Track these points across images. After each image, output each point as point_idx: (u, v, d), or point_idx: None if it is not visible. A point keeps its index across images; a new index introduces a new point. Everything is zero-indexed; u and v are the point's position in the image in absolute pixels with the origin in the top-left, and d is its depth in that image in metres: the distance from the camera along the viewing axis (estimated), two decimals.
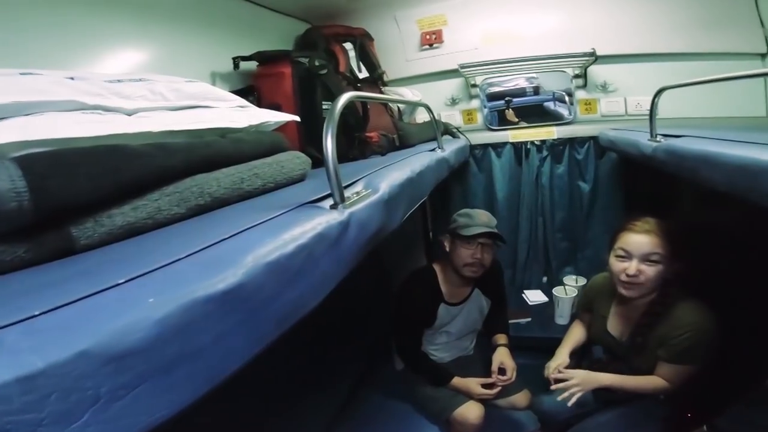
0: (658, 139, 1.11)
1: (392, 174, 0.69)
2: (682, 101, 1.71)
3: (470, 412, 1.37)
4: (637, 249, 1.09)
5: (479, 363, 1.56)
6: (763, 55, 1.62)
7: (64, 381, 0.21)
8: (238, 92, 1.14)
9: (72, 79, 0.56)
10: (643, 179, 1.71)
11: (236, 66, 1.25)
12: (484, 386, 1.41)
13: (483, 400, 1.42)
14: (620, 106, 1.83)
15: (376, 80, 1.71)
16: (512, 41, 1.88)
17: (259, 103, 1.20)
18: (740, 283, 1.31)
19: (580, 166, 1.87)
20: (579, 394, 1.16)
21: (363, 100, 1.01)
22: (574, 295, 1.75)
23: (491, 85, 1.92)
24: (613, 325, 1.27)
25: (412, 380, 1.52)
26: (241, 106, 0.88)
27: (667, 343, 1.10)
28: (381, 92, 1.73)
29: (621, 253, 1.13)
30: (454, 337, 1.54)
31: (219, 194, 0.58)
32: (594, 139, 1.78)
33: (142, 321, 0.25)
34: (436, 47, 1.97)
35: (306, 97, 1.20)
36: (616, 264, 1.14)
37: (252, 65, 1.28)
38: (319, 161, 1.16)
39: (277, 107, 1.14)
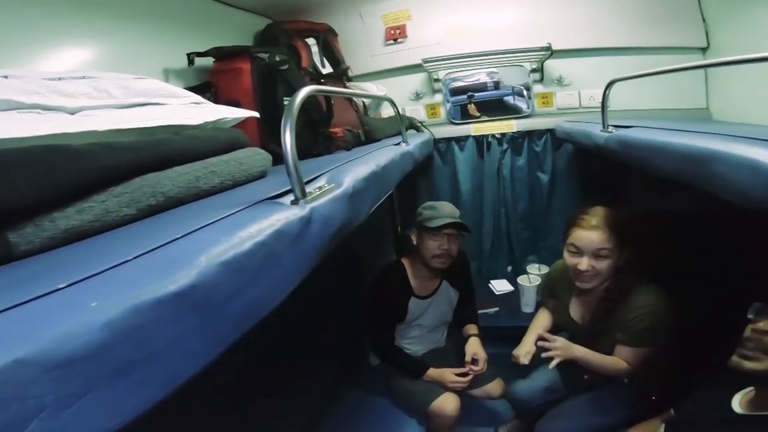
0: (610, 129, 1.15)
1: (357, 168, 0.68)
2: (632, 94, 1.80)
3: (447, 404, 1.40)
4: (587, 245, 1.12)
5: (452, 354, 1.58)
6: (703, 49, 1.71)
7: (2, 390, 0.20)
8: (194, 89, 1.10)
9: (6, 77, 0.52)
10: (598, 168, 1.78)
11: (191, 62, 1.20)
12: (459, 376, 1.44)
13: (459, 392, 1.45)
14: (575, 99, 1.89)
15: (341, 75, 1.69)
16: (474, 36, 1.90)
17: (217, 100, 1.17)
18: (694, 266, 1.38)
19: (538, 157, 1.94)
20: (558, 359, 1.17)
21: (323, 94, 0.99)
22: (538, 283, 1.81)
23: (454, 80, 1.95)
24: (575, 311, 1.32)
25: (389, 375, 1.53)
26: (196, 103, 0.85)
27: (623, 326, 1.14)
28: (345, 87, 1.72)
29: (572, 249, 1.16)
30: (426, 330, 1.56)
31: (173, 194, 0.56)
32: (551, 131, 1.84)
33: (86, 325, 0.24)
34: (401, 42, 1.97)
35: (266, 92, 1.18)
36: (569, 259, 1.18)
37: (209, 61, 1.24)
38: (281, 157, 1.15)
39: (235, 103, 1.12)
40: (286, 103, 1.18)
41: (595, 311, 1.23)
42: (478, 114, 1.96)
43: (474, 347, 1.49)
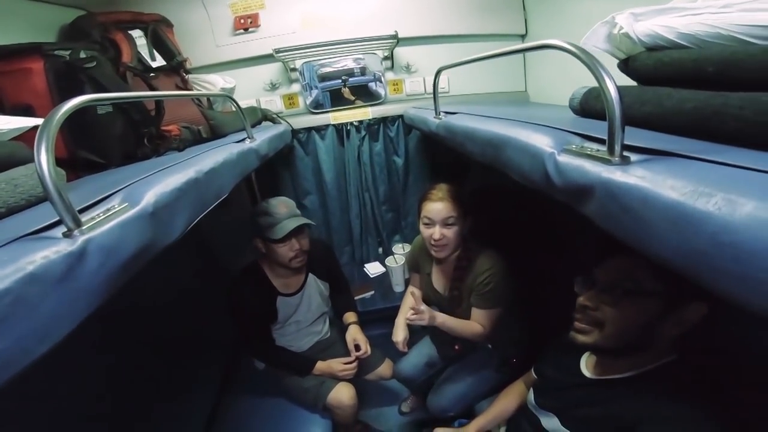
0: (441, 116, 1.22)
1: (166, 179, 0.61)
2: (468, 80, 2.00)
3: (342, 394, 1.41)
4: (437, 215, 1.22)
5: (339, 344, 1.59)
6: (523, 36, 1.94)
7: None
8: None
9: None
10: (442, 150, 1.93)
11: None
12: (347, 364, 1.45)
13: (353, 380, 1.46)
14: (421, 85, 2.01)
15: (176, 69, 1.52)
16: (330, 24, 1.89)
17: (1, 106, 0.96)
18: (531, 235, 1.56)
19: (393, 142, 2.03)
20: (422, 321, 1.21)
21: (100, 103, 0.87)
22: (403, 262, 1.91)
23: (323, 65, 1.92)
24: (437, 281, 1.42)
25: (278, 376, 1.49)
26: None
27: (474, 290, 1.27)
28: (184, 81, 1.56)
29: (426, 220, 1.26)
30: (304, 325, 1.54)
31: None
32: (401, 117, 1.93)
33: None
34: (252, 31, 1.86)
35: (69, 95, 1.00)
36: (424, 231, 1.28)
37: None
38: (98, 165, 1.00)
39: (26, 109, 0.94)
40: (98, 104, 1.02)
41: (452, 279, 1.34)
42: (353, 98, 1.97)
43: (353, 333, 1.52)
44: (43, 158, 0.41)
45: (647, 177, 0.41)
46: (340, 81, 1.94)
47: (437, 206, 1.23)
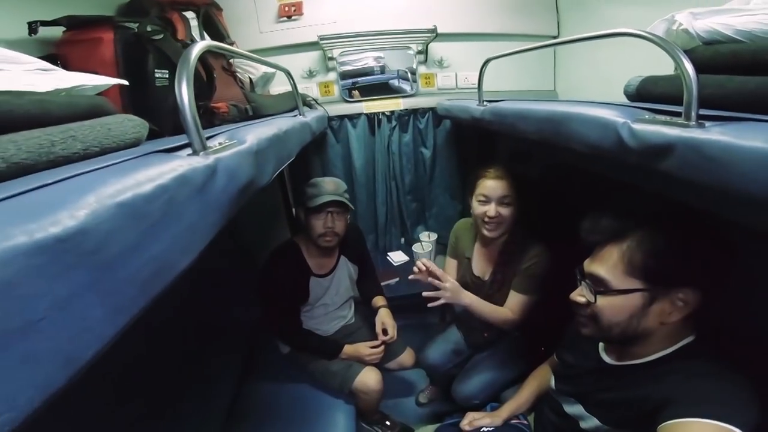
0: (484, 104, 1.29)
1: (258, 129, 0.64)
2: (496, 77, 2.01)
3: (369, 378, 1.41)
4: (494, 193, 1.23)
5: (364, 329, 1.60)
6: (555, 38, 1.99)
7: None
8: None
9: None
10: (471, 143, 1.99)
11: (33, 31, 0.99)
12: (373, 348, 1.45)
13: (377, 365, 1.46)
14: (452, 80, 2.05)
15: None
16: (369, 15, 1.94)
17: None
18: (559, 223, 1.60)
19: (421, 134, 2.06)
20: (444, 300, 1.20)
21: (221, 51, 0.91)
22: (430, 249, 1.91)
23: (343, 64, 1.97)
24: (478, 266, 1.41)
25: (304, 360, 1.48)
26: (44, 69, 0.70)
27: (519, 273, 1.26)
28: (229, 64, 1.59)
29: (481, 198, 1.26)
30: (332, 308, 1.55)
31: (18, 159, 0.45)
32: (432, 109, 1.97)
33: None
34: (295, 19, 1.92)
35: (133, 65, 1.04)
36: (478, 208, 1.27)
37: (52, 32, 1.03)
38: (152, 132, 1.02)
39: None
40: (157, 76, 1.04)
41: (497, 263, 1.34)
42: (362, 99, 2.01)
43: (383, 317, 1.52)
44: (183, 88, 0.44)
45: (727, 132, 0.44)
46: (351, 82, 2.00)
47: (495, 184, 1.24)
